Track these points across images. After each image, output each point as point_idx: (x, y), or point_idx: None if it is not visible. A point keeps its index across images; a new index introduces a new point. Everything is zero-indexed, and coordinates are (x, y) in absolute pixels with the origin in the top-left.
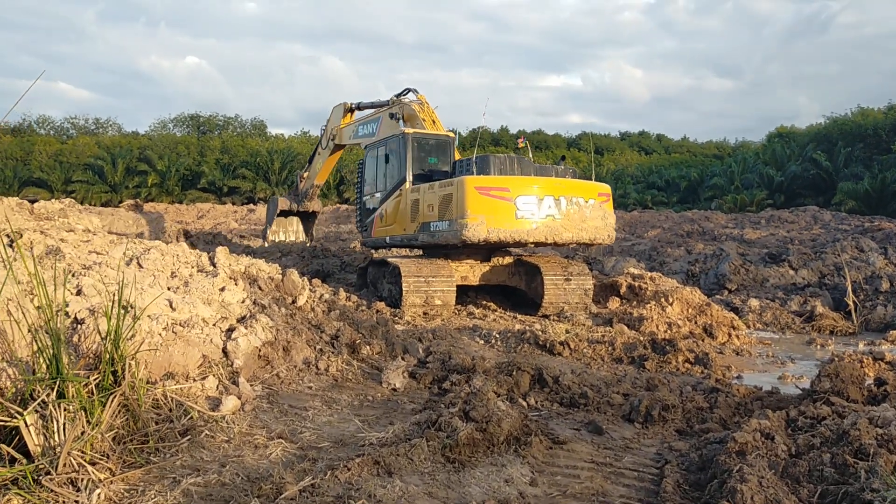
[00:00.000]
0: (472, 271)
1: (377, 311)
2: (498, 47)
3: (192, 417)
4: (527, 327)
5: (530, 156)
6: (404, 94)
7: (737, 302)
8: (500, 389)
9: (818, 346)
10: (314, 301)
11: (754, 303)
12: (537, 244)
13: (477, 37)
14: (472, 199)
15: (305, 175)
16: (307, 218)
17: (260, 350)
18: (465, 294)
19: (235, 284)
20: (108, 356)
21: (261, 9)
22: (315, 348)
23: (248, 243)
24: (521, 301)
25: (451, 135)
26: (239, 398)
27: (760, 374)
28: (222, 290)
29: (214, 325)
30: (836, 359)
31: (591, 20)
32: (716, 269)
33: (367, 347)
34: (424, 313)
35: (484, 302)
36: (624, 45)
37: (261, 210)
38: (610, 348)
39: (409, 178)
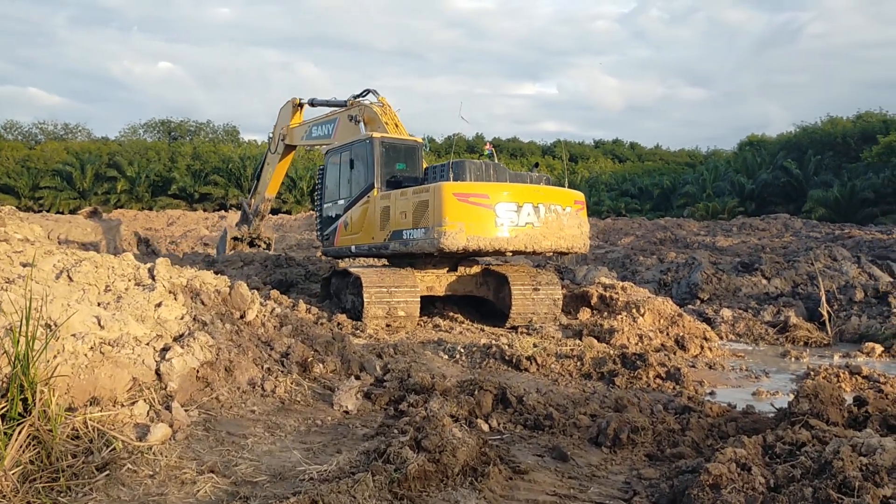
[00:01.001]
0: (438, 281)
1: (338, 325)
2: (473, 55)
3: (114, 449)
4: (493, 341)
5: (496, 160)
6: (364, 96)
7: (709, 312)
8: (461, 411)
9: (793, 359)
10: (265, 315)
11: (727, 313)
12: (517, 253)
13: (453, 44)
14: (451, 206)
15: (252, 201)
16: (261, 246)
17: (198, 371)
18: (432, 305)
19: (175, 299)
20: (17, 382)
21: (234, 14)
22: (262, 367)
23: (211, 251)
24: (489, 312)
25: (420, 140)
26: (170, 425)
27: (734, 390)
28: (159, 305)
29: (148, 344)
30: (812, 373)
31: (566, 28)
32: (688, 279)
33: (321, 365)
34: (387, 326)
35: (450, 313)
36: (598, 53)
37: (233, 217)
38: (578, 363)
39: (378, 184)
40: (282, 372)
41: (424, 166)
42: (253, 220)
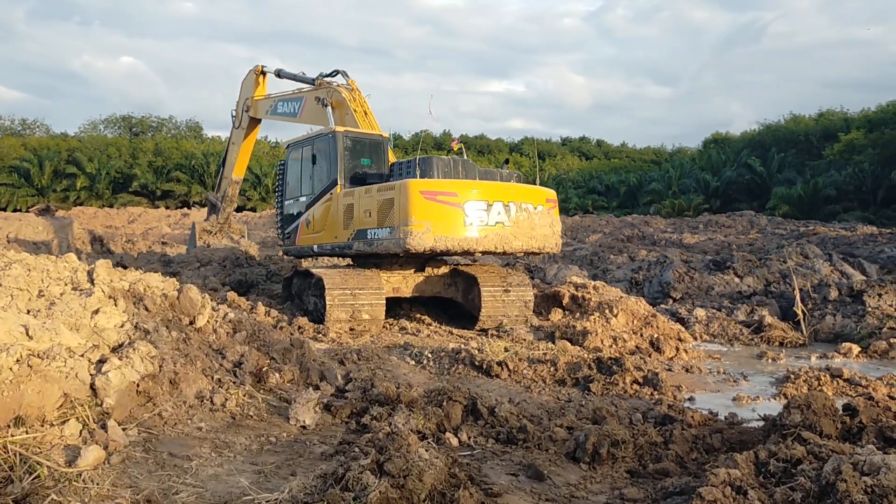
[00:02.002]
0: (404, 282)
1: (299, 329)
2: (441, 52)
3: (38, 477)
4: (462, 345)
5: (465, 157)
6: (333, 76)
7: (683, 312)
8: (428, 424)
9: (769, 360)
10: (217, 321)
11: (700, 313)
12: (486, 253)
13: (420, 41)
14: (417, 205)
15: (218, 195)
16: (234, 237)
17: (139, 385)
18: (398, 307)
19: (115, 305)
20: None
21: (199, 9)
22: (212, 378)
23: (168, 251)
24: (457, 314)
25: (385, 135)
26: (105, 447)
27: (713, 395)
28: (96, 312)
29: (82, 355)
30: (792, 375)
31: (533, 26)
32: (660, 277)
33: (277, 375)
34: (351, 329)
35: (418, 315)
36: (565, 51)
37: (196, 214)
38: (552, 369)
39: (342, 180)
40: (234, 383)
41: (391, 162)
42: (221, 208)
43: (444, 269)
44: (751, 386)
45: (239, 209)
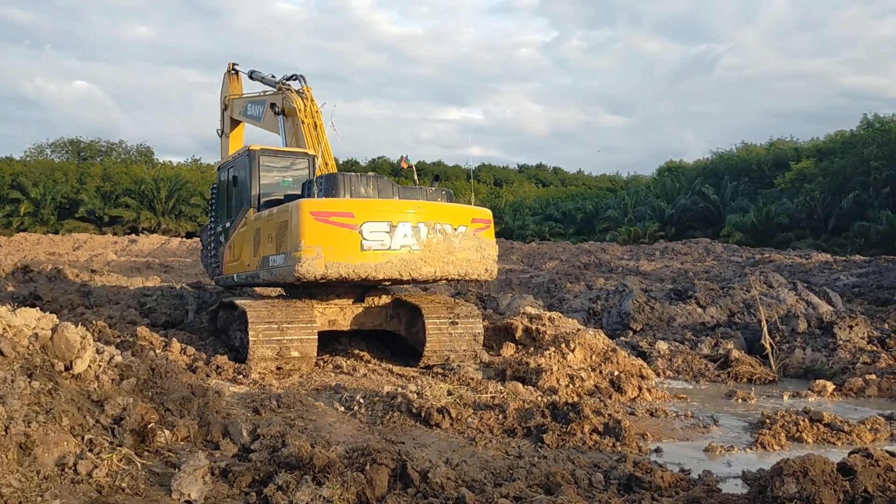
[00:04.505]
0: (341, 314)
1: (217, 369)
2: (399, 79)
3: None
4: (399, 388)
5: (415, 178)
6: (292, 80)
7: (644, 345)
8: (347, 495)
9: (740, 400)
10: (101, 366)
11: (663, 346)
12: (390, 281)
13: (378, 68)
14: (308, 227)
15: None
16: None
17: None
18: (336, 341)
19: None
20: None
21: (153, 33)
22: (82, 439)
23: (88, 279)
24: (401, 348)
25: (312, 152)
26: None
27: (682, 444)
28: None
29: None
30: (768, 420)
31: (490, 55)
32: (619, 307)
33: (168, 432)
34: (279, 368)
35: (356, 350)
36: (522, 80)
37: (143, 240)
38: (501, 416)
39: (255, 203)
40: (110, 444)
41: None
42: None
43: (385, 300)
44: (723, 432)
45: (189, 235)
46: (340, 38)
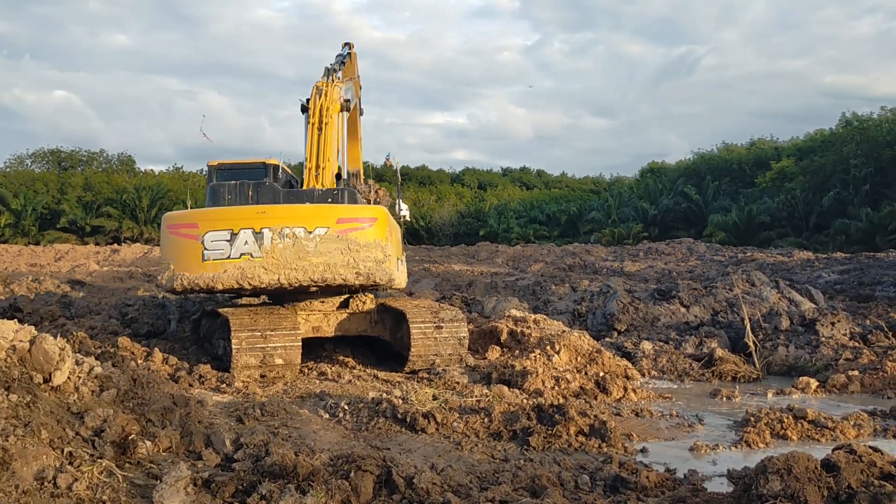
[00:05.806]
0: (325, 321)
1: (200, 378)
2: (382, 84)
3: None
4: (384, 394)
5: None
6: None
7: (628, 345)
8: (332, 503)
9: (724, 398)
10: (80, 377)
11: (647, 346)
12: (229, 292)
13: (360, 74)
14: (165, 241)
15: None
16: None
17: None
18: (321, 347)
19: None
20: None
21: (132, 42)
22: (62, 452)
23: (68, 290)
24: (386, 353)
25: (273, 161)
26: None
27: (667, 444)
28: None
29: None
30: (752, 418)
31: (474, 59)
32: (603, 308)
33: (149, 443)
34: (263, 376)
35: (341, 357)
36: (505, 83)
37: (125, 250)
38: (486, 420)
39: None
40: (90, 456)
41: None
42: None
43: (370, 305)
44: (708, 431)
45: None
46: (321, 44)
